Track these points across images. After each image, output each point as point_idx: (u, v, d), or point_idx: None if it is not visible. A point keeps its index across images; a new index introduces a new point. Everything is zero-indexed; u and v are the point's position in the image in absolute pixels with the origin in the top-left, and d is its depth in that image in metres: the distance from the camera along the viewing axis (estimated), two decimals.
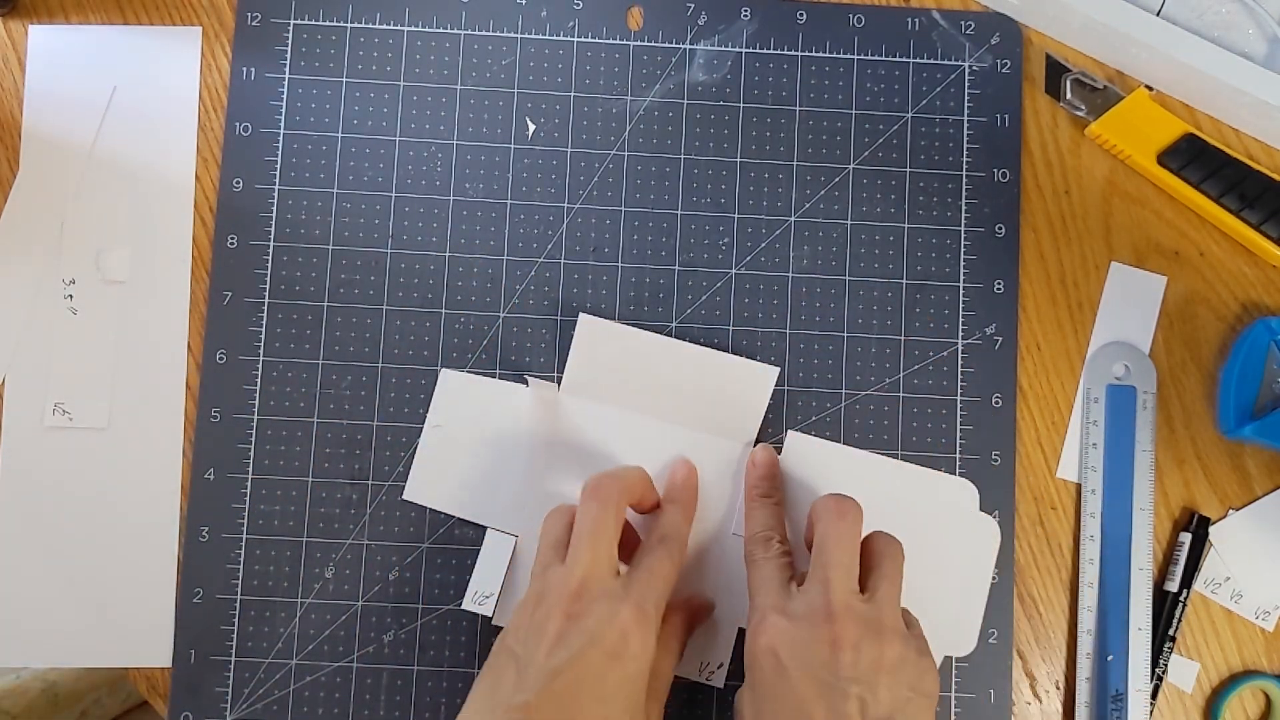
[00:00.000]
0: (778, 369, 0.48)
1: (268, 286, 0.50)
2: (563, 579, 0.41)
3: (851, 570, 0.41)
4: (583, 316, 0.48)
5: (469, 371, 0.49)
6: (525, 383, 0.49)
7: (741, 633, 0.47)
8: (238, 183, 0.50)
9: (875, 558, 0.42)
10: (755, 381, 0.48)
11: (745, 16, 0.52)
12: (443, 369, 0.49)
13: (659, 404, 0.48)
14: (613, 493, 0.42)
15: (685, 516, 0.46)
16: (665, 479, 0.47)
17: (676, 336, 0.50)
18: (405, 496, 0.48)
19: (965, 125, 0.51)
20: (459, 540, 0.48)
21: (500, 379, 0.49)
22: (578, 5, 0.52)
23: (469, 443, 0.48)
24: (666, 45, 0.51)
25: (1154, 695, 0.48)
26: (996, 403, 0.50)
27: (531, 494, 0.48)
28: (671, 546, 0.44)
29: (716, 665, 0.47)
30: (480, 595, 0.47)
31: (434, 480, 0.48)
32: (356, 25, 0.51)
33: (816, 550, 0.42)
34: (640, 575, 0.42)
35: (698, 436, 0.48)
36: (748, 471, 0.48)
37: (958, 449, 0.49)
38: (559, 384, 0.49)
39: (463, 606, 0.47)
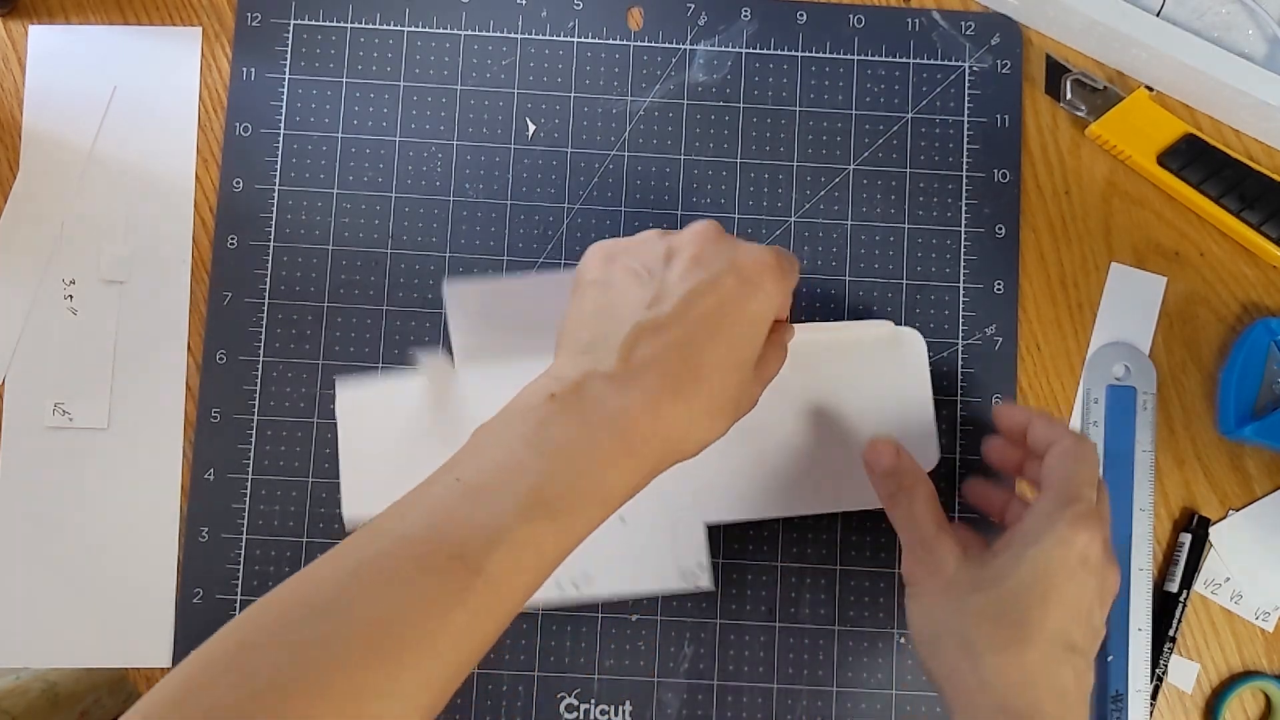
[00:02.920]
0: None
1: (268, 286, 0.50)
2: (693, 228, 0.39)
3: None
4: (447, 285, 0.47)
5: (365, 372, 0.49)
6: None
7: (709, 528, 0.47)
8: (238, 183, 0.50)
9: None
10: None
11: (745, 17, 0.52)
12: (337, 383, 0.48)
13: (550, 342, 0.48)
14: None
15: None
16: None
17: None
18: (346, 523, 0.47)
19: (965, 126, 0.51)
20: None
21: (393, 371, 0.49)
22: (578, 5, 0.52)
23: (386, 446, 0.47)
24: (666, 45, 0.51)
25: (1154, 696, 0.48)
26: (996, 403, 0.50)
27: None
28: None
29: (695, 565, 0.47)
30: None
31: (366, 496, 0.47)
32: (356, 25, 0.51)
33: (1086, 474, 0.40)
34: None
35: None
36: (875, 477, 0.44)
37: (958, 449, 0.49)
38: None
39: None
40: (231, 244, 0.50)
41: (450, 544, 0.31)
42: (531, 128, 0.51)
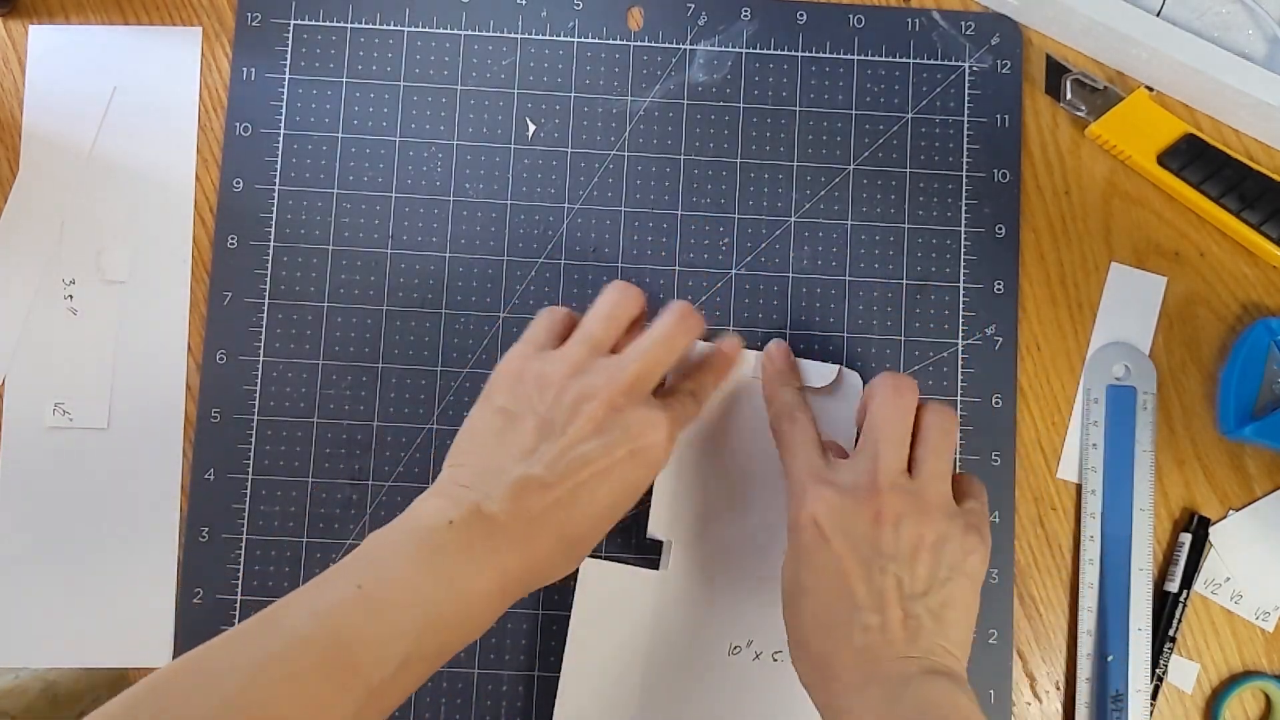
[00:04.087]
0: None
1: (268, 286, 0.50)
2: (616, 367, 0.40)
3: (901, 447, 0.41)
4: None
5: None
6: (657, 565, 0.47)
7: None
8: (238, 183, 0.50)
9: (924, 430, 0.42)
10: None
11: (745, 17, 0.52)
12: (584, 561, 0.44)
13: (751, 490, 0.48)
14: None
15: (716, 382, 0.46)
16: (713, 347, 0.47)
17: None
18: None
19: (965, 126, 0.51)
20: None
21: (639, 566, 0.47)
22: (578, 5, 0.52)
23: (613, 631, 0.46)
24: (666, 45, 0.51)
25: (1154, 696, 0.48)
26: (996, 403, 0.50)
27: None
28: (700, 399, 0.44)
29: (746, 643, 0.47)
30: None
31: (588, 675, 0.46)
32: (356, 25, 0.51)
33: (868, 425, 0.41)
34: (676, 403, 0.42)
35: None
36: (764, 365, 0.47)
37: (957, 449, 0.49)
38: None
39: None
40: (231, 244, 0.50)
41: (347, 653, 0.34)
42: (531, 128, 0.51)
